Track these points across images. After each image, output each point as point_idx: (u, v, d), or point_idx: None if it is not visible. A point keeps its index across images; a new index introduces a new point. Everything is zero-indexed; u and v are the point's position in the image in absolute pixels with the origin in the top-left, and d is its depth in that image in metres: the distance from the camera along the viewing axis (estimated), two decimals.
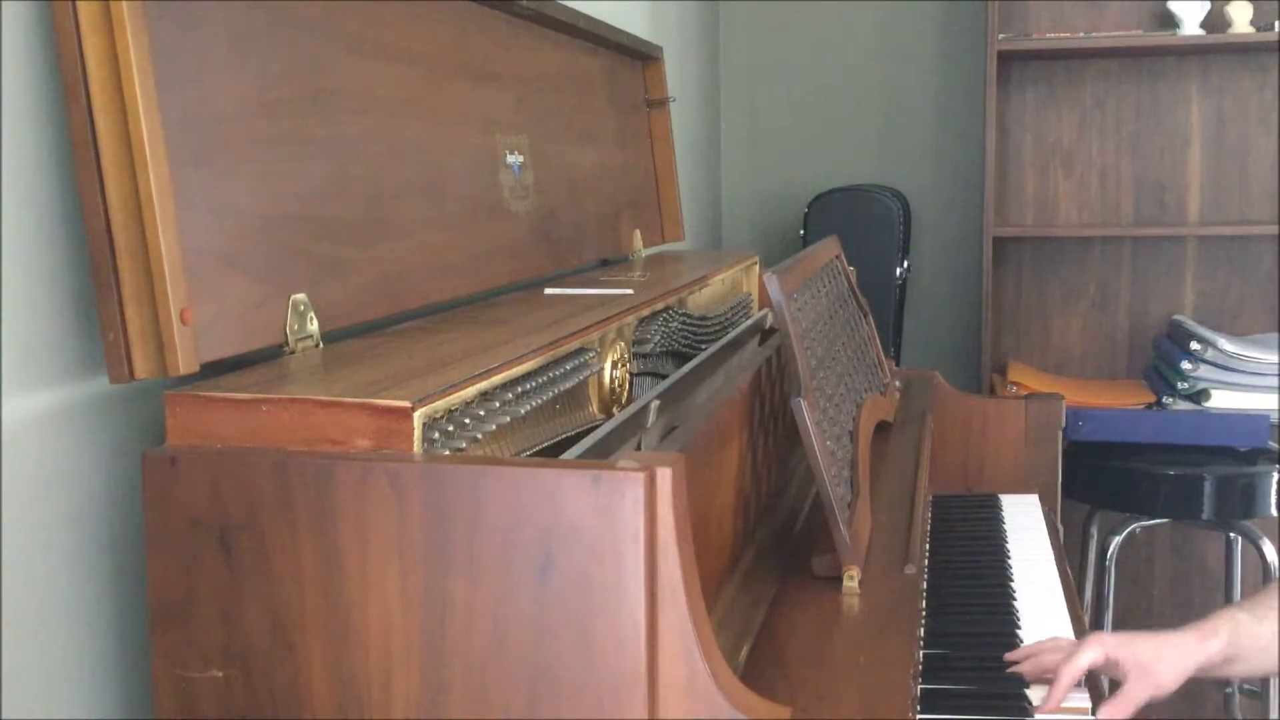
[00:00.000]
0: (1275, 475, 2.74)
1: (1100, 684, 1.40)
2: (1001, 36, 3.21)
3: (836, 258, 1.97)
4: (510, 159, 1.64)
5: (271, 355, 1.10)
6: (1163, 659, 1.35)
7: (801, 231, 3.26)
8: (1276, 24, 3.12)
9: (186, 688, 0.94)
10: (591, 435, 1.16)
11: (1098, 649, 1.35)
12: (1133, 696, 1.34)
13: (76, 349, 1.02)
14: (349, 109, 1.27)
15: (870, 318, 2.05)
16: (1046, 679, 1.35)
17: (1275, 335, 3.17)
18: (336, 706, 0.91)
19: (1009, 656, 1.40)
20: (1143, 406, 3.07)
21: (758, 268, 2.23)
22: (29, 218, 0.98)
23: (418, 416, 0.92)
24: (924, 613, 1.47)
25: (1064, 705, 1.31)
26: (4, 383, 0.95)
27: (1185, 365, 3.01)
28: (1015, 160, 3.50)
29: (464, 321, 1.32)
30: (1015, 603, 1.57)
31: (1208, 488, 2.73)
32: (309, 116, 1.19)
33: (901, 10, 3.57)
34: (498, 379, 1.06)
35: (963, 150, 3.56)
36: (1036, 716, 1.31)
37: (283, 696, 0.92)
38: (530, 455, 1.14)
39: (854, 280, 2.05)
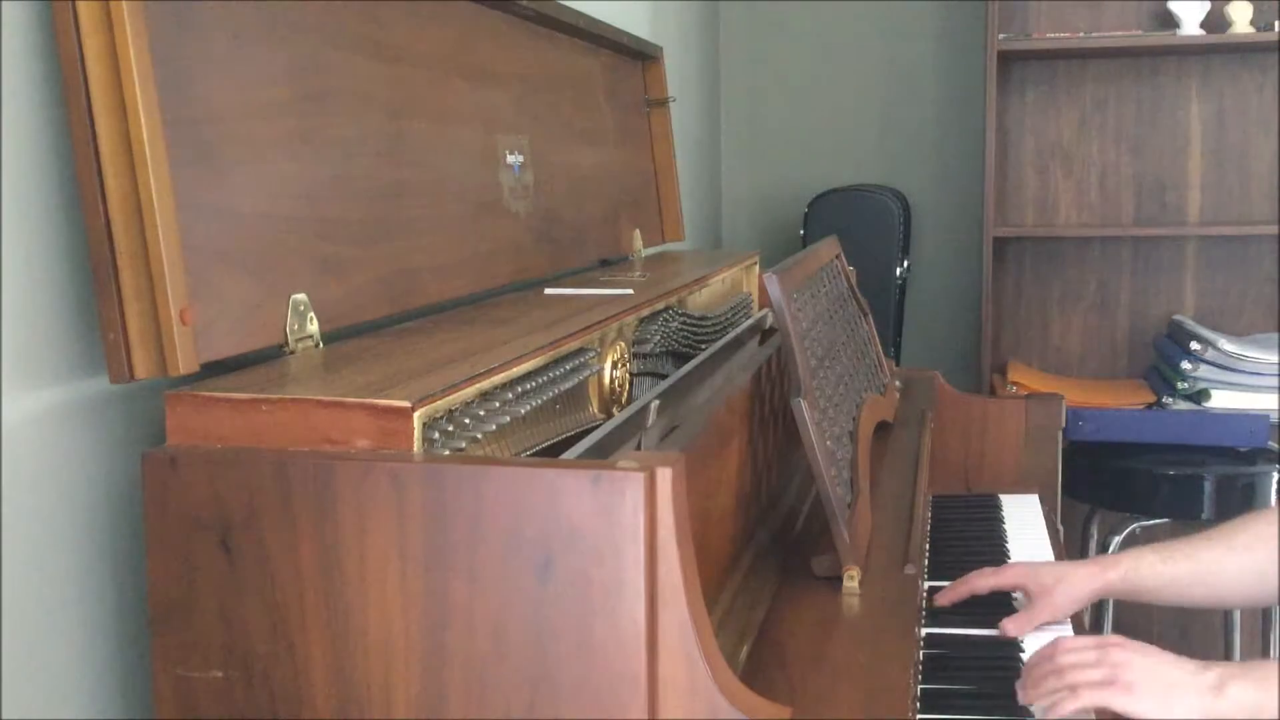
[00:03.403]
0: (1275, 475, 2.74)
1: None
2: (1001, 36, 3.21)
3: (836, 258, 1.97)
4: (510, 159, 1.64)
5: (271, 355, 1.10)
6: (1064, 582, 1.49)
7: (801, 231, 3.26)
8: (1276, 24, 3.12)
9: (186, 688, 0.94)
10: (591, 435, 1.16)
11: (1011, 574, 1.54)
12: (1032, 617, 1.47)
13: (76, 349, 1.02)
14: (349, 109, 1.27)
15: (870, 318, 2.05)
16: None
17: (1275, 335, 3.17)
18: (336, 706, 0.91)
19: (938, 596, 1.56)
20: (1143, 406, 3.07)
21: (758, 268, 2.23)
22: (29, 218, 0.98)
23: (418, 416, 0.92)
24: (924, 613, 1.47)
25: None
26: (4, 383, 0.95)
27: (1185, 365, 3.01)
28: (1015, 160, 3.50)
29: (464, 321, 1.32)
30: (1015, 603, 1.57)
31: (1208, 488, 2.73)
32: (309, 116, 1.19)
33: (901, 10, 3.57)
34: (498, 379, 1.06)
35: (963, 150, 3.56)
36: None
37: (283, 696, 0.92)
38: (530, 455, 1.14)
39: (854, 280, 2.05)
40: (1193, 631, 3.27)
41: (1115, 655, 1.26)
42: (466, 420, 1.01)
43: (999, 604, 1.56)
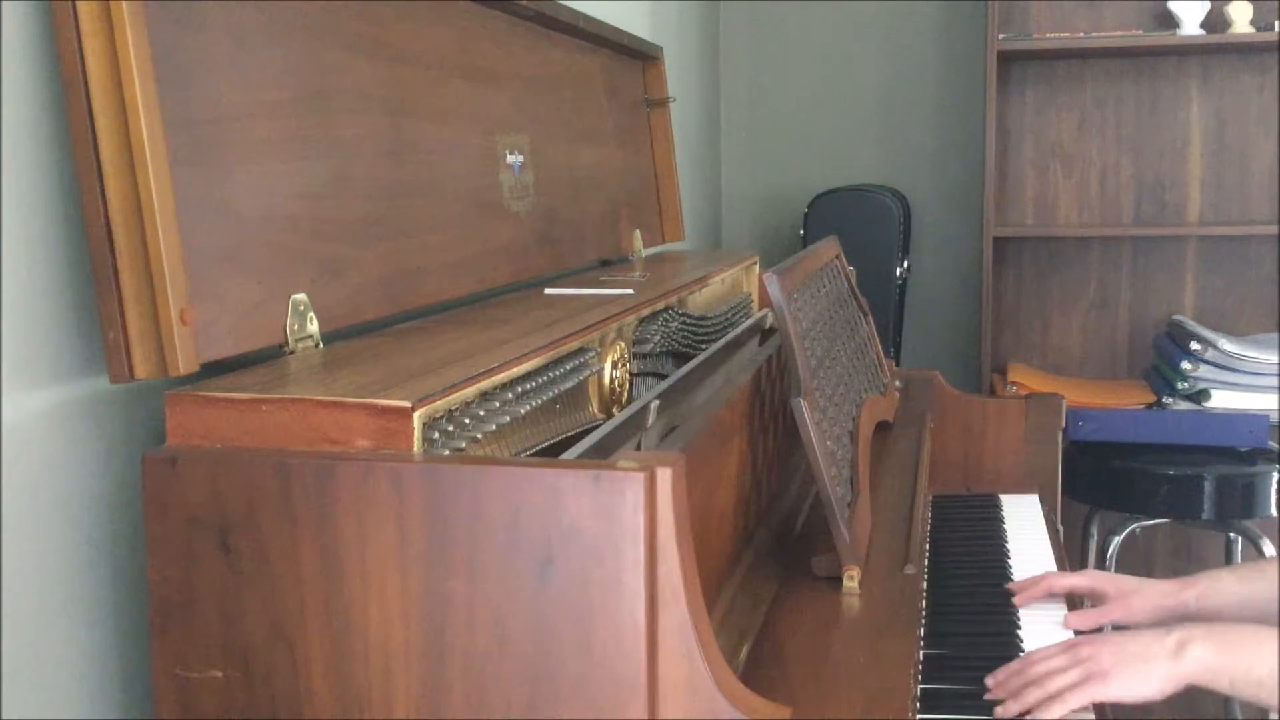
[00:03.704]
0: (1275, 475, 2.74)
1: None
2: (1001, 36, 3.21)
3: (836, 258, 1.97)
4: (510, 159, 1.64)
5: (271, 355, 1.10)
6: (1141, 593, 1.52)
7: (801, 231, 3.26)
8: (1276, 24, 3.12)
9: (186, 688, 0.94)
10: (591, 435, 1.16)
11: (1088, 577, 1.57)
12: (1104, 613, 1.52)
13: (76, 349, 1.02)
14: (349, 109, 1.27)
15: (870, 318, 2.05)
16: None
17: (1275, 335, 3.17)
18: (336, 706, 0.91)
19: (1011, 586, 1.59)
20: (1143, 406, 3.07)
21: (758, 268, 2.23)
22: (29, 217, 0.98)
23: (418, 416, 0.92)
24: (924, 613, 1.47)
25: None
26: (4, 382, 0.95)
27: (1185, 365, 3.01)
28: (1015, 160, 3.50)
29: (464, 321, 1.32)
30: (1015, 602, 1.57)
31: (1208, 488, 2.73)
32: (309, 116, 1.19)
33: (901, 10, 3.57)
34: (498, 379, 1.06)
35: (963, 150, 3.56)
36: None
37: (283, 696, 0.92)
38: (530, 455, 1.14)
39: (854, 280, 2.05)
40: None
41: (1084, 651, 1.30)
42: (466, 420, 1.01)
43: (998, 603, 1.56)
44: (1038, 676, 1.28)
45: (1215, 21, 3.18)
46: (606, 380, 1.33)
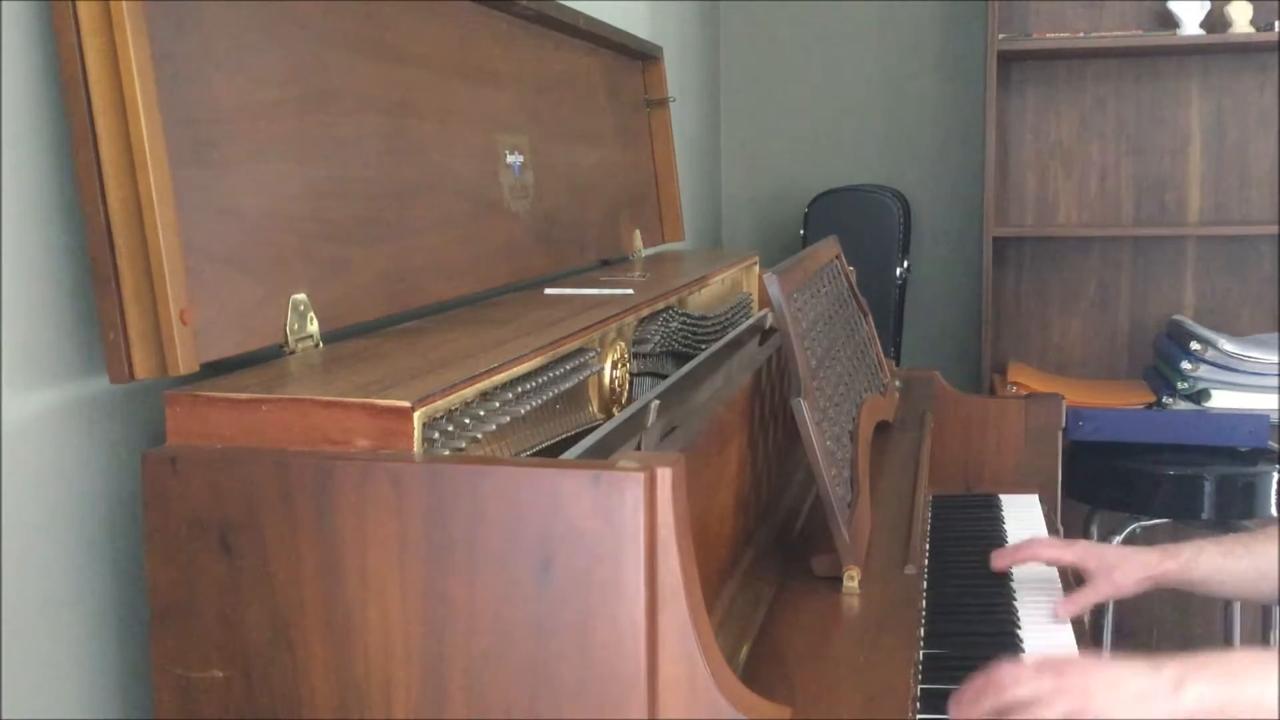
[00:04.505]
0: (1275, 475, 2.74)
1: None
2: (1001, 36, 3.21)
3: (836, 258, 1.97)
4: (510, 159, 1.64)
5: (271, 355, 1.10)
6: (1124, 566, 1.51)
7: (801, 231, 3.26)
8: (1276, 24, 3.12)
9: (186, 688, 0.94)
10: (591, 435, 1.16)
11: (1074, 551, 1.55)
12: (1090, 594, 1.51)
13: (76, 349, 1.02)
14: (349, 109, 1.27)
15: (870, 318, 2.05)
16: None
17: (1275, 335, 3.17)
18: (336, 706, 0.91)
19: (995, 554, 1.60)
20: (1143, 406, 3.07)
21: (758, 268, 2.23)
22: (29, 217, 0.98)
23: (418, 416, 0.92)
24: (924, 613, 1.47)
25: None
26: (4, 383, 0.95)
27: (1185, 365, 3.01)
28: (1015, 160, 3.50)
29: (464, 321, 1.32)
30: (1015, 603, 1.57)
31: (1208, 488, 2.73)
32: (309, 116, 1.19)
33: (901, 10, 3.57)
34: (498, 379, 1.06)
35: (963, 150, 3.56)
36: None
37: (283, 696, 0.92)
38: (530, 455, 1.14)
39: (854, 280, 2.05)
40: (1193, 624, 3.27)
41: (1073, 680, 1.17)
42: (466, 420, 1.01)
43: (998, 603, 1.56)
44: (1020, 702, 1.14)
45: (1215, 21, 3.18)
46: (606, 380, 1.33)
